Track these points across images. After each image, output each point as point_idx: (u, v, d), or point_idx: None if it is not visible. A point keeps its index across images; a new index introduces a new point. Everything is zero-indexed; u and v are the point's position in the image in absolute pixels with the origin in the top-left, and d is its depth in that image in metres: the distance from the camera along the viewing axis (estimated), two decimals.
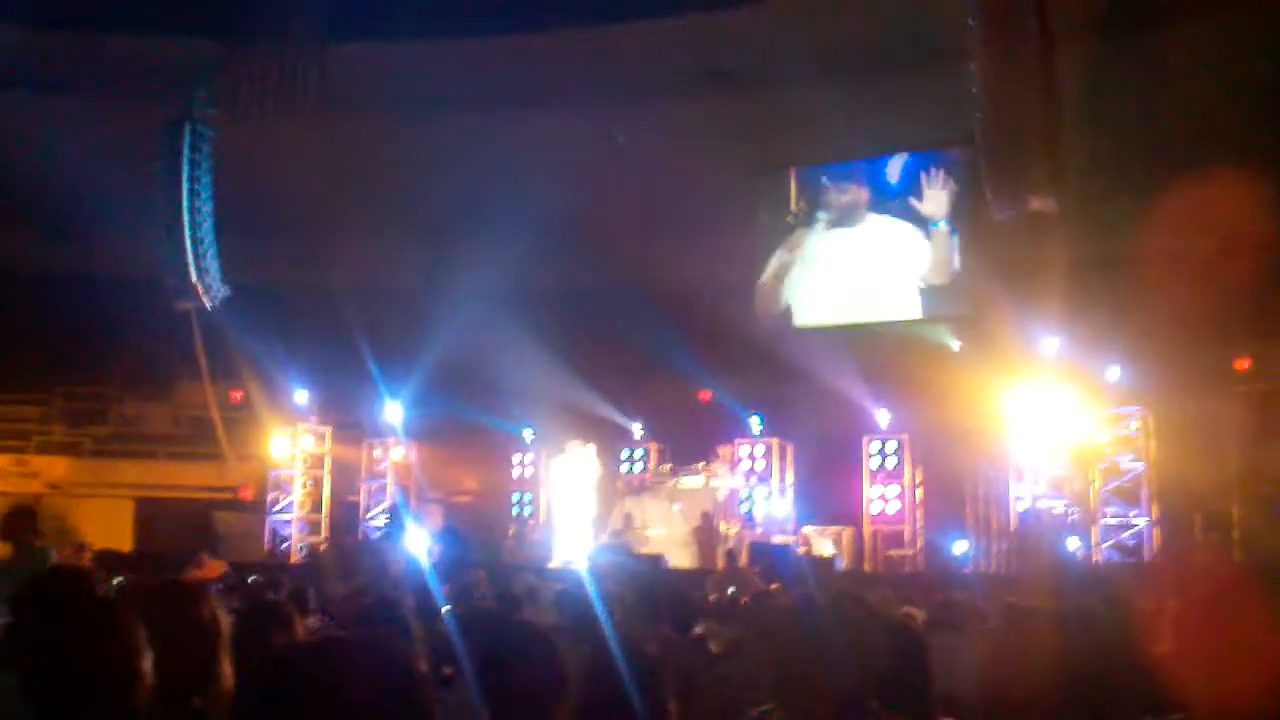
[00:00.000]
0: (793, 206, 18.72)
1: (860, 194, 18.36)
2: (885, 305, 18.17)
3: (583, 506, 18.07)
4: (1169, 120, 14.87)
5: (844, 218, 18.43)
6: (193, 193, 16.95)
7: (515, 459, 20.17)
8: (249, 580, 11.15)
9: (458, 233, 18.17)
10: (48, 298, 19.29)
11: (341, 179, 18.08)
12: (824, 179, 18.62)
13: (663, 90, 16.82)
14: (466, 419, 19.31)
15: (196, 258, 17.01)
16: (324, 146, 17.01)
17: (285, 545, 19.40)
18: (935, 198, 17.66)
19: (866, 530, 17.60)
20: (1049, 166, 13.04)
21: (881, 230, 18.18)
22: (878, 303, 18.21)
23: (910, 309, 17.93)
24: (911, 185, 17.86)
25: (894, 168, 18.09)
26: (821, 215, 18.55)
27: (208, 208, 17.09)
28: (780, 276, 18.75)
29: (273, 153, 17.17)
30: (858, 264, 18.28)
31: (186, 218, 16.84)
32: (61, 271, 19.75)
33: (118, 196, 16.13)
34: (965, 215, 17.27)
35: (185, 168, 16.87)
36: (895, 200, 18.00)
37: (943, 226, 17.60)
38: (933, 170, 17.66)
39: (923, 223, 17.74)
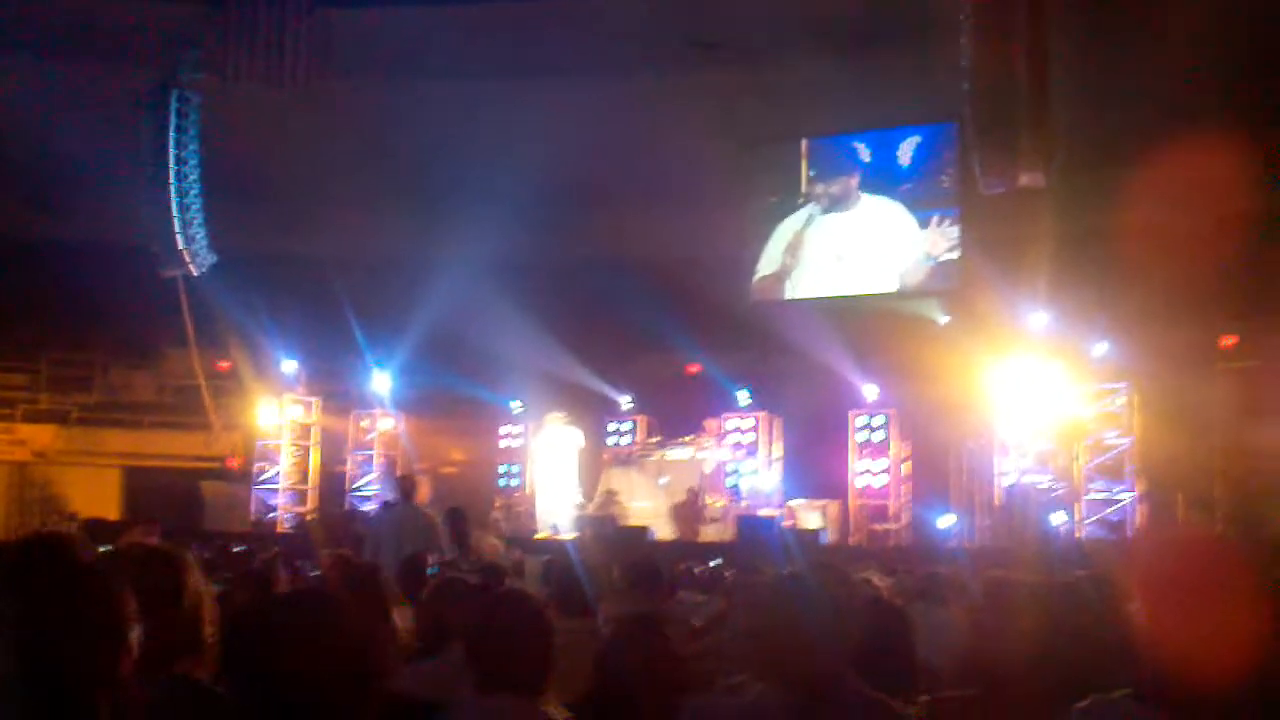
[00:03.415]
0: (803, 183, 18.66)
1: (850, 182, 18.30)
2: (874, 280, 18.15)
3: (567, 478, 18.08)
4: (1158, 93, 14.83)
5: (835, 204, 18.39)
6: (179, 159, 16.75)
7: (503, 430, 20.20)
8: (234, 550, 11.17)
9: (447, 203, 18.08)
10: (33, 265, 19.10)
11: (331, 146, 17.94)
12: (812, 171, 18.58)
13: (654, 61, 16.71)
14: (454, 390, 19.28)
15: (183, 225, 16.86)
16: (313, 112, 16.86)
17: (272, 515, 19.40)
18: (940, 186, 17.62)
19: (853, 504, 17.67)
20: (1039, 140, 12.97)
21: (875, 210, 18.13)
22: (867, 278, 18.19)
23: (897, 284, 17.93)
24: (920, 170, 17.79)
25: (905, 150, 17.99)
26: (815, 204, 18.50)
27: (194, 174, 16.89)
28: (781, 279, 18.70)
29: (261, 118, 17.00)
30: (853, 245, 18.23)
31: (173, 184, 16.67)
32: (46, 239, 19.54)
33: (103, 162, 15.96)
34: (957, 191, 17.26)
35: (172, 133, 16.66)
36: (900, 183, 17.93)
37: (942, 216, 17.56)
38: (945, 155, 17.56)
39: (923, 209, 17.69)
